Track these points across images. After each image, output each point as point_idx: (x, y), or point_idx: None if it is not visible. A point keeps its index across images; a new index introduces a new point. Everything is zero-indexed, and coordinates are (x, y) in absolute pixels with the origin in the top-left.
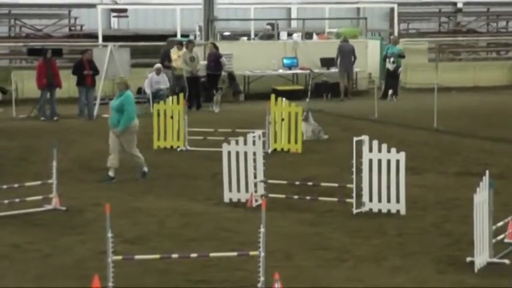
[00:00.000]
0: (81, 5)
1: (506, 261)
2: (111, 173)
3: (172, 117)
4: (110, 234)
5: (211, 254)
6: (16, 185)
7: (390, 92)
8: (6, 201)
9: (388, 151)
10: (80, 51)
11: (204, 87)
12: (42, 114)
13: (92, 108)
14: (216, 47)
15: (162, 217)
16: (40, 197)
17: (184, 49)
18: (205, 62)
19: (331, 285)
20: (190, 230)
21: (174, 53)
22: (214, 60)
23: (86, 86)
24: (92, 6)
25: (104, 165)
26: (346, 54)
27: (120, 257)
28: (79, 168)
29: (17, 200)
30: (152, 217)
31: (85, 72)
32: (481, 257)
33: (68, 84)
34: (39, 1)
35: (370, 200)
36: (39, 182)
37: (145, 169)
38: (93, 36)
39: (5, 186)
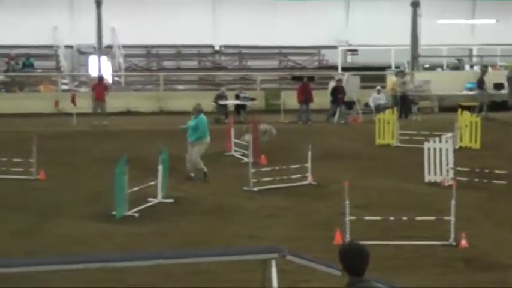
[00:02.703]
0: (327, 46)
1: None
2: (192, 174)
3: (388, 123)
4: (347, 202)
5: (417, 218)
6: (284, 167)
7: None
8: (278, 178)
9: None
10: (328, 78)
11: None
12: (299, 120)
13: (345, 117)
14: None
15: (382, 191)
16: (299, 175)
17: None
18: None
19: (503, 241)
20: (401, 201)
21: (394, 80)
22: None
23: (337, 104)
24: (334, 47)
25: (341, 153)
26: None
27: (354, 218)
28: (326, 156)
29: (285, 177)
30: (375, 191)
31: (339, 96)
32: None
33: (318, 100)
34: (300, 44)
35: None
36: (298, 165)
37: (205, 171)
38: (334, 67)
39: (277, 168)
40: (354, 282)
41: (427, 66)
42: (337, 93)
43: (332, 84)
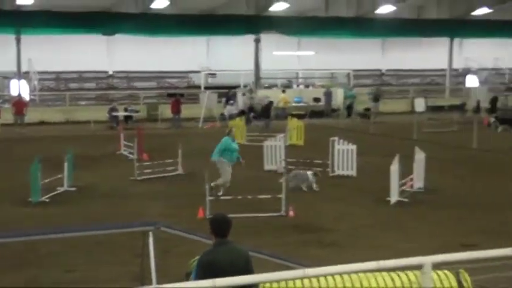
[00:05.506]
0: (193, 71)
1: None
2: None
3: (238, 127)
4: (207, 186)
5: (258, 196)
6: (161, 161)
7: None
8: (156, 170)
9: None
10: (195, 94)
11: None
12: (173, 126)
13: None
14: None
15: (234, 177)
16: (172, 168)
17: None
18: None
19: (320, 211)
20: (248, 184)
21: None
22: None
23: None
24: (198, 72)
25: (204, 150)
26: (327, 95)
27: (212, 198)
28: (193, 153)
29: (161, 169)
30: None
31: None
32: (394, 197)
33: (187, 111)
34: (173, 69)
35: (338, 169)
36: (171, 160)
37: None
38: (198, 87)
39: (156, 162)
40: (219, 242)
41: (266, 85)
42: (269, 109)
43: (265, 101)
